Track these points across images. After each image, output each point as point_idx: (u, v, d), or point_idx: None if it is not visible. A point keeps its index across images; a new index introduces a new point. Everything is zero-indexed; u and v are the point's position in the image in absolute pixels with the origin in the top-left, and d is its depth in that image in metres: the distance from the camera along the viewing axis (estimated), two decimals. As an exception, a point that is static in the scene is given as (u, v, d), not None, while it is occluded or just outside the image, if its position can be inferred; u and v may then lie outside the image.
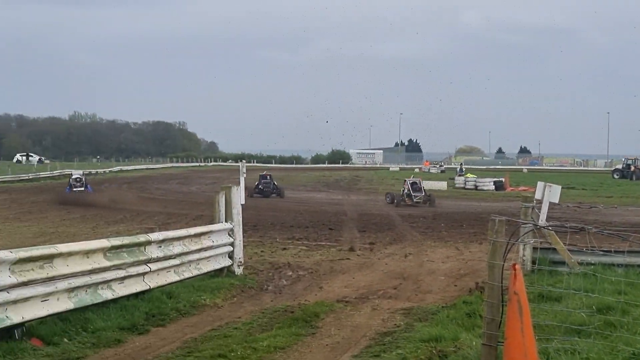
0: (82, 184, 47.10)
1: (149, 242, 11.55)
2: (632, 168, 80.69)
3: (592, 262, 12.92)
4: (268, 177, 46.59)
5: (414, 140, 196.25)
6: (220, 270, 14.06)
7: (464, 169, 75.36)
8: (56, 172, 70.18)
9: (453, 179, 64.44)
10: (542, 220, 13.18)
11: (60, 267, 9.41)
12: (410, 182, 40.17)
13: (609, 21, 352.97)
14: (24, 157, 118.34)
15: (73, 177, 48.69)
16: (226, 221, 14.36)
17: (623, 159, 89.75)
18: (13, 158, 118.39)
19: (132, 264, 11.03)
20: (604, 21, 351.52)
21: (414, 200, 38.83)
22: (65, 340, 9.05)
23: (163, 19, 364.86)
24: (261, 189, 45.26)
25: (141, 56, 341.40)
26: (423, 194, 39.62)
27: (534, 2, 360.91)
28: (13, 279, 8.55)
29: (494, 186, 56.14)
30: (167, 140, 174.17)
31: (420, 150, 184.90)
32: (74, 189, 45.81)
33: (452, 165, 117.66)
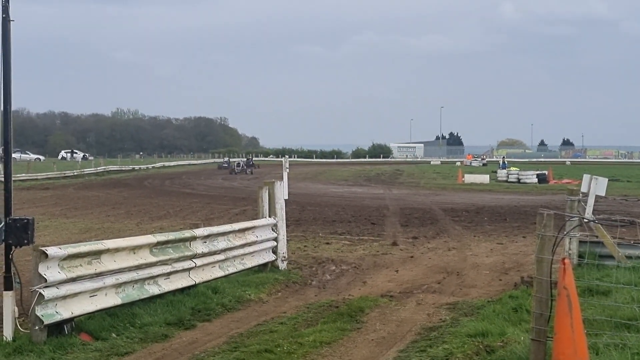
0: None
1: (194, 238, 11.65)
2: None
3: (641, 255, 12.75)
4: (227, 158, 76.43)
5: (455, 134, 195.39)
6: (265, 265, 14.13)
7: (506, 162, 74.46)
8: (100, 169, 70.89)
9: (495, 172, 63.81)
10: (588, 214, 13.00)
11: (107, 263, 9.54)
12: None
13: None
14: (69, 154, 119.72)
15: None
16: (270, 216, 14.43)
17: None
18: (58, 155, 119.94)
19: (178, 260, 11.14)
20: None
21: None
22: (114, 335, 9.15)
23: (204, 16, 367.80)
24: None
25: (182, 53, 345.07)
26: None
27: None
28: (62, 275, 8.69)
29: (537, 179, 55.47)
30: (209, 136, 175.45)
31: (461, 144, 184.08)
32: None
33: (494, 159, 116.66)
